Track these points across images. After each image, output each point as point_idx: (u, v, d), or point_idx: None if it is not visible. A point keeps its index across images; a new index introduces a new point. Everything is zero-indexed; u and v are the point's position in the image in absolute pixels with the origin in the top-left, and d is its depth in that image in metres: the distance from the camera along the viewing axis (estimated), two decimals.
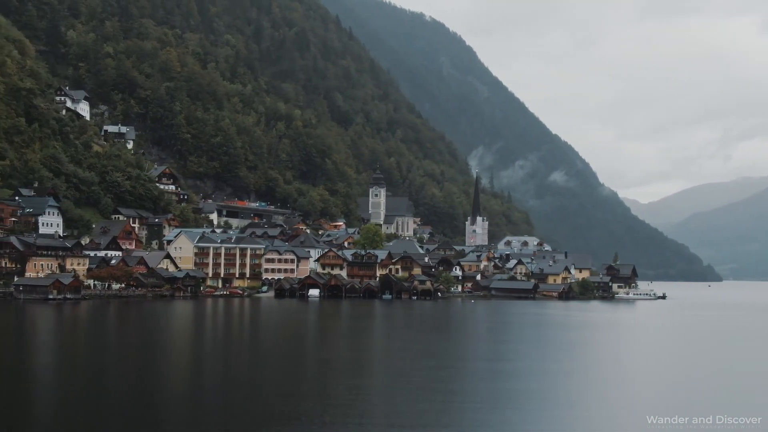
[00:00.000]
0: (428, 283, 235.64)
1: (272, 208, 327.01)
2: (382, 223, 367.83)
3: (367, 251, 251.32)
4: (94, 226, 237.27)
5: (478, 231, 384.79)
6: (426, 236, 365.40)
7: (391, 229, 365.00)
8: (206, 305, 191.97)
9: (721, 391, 75.36)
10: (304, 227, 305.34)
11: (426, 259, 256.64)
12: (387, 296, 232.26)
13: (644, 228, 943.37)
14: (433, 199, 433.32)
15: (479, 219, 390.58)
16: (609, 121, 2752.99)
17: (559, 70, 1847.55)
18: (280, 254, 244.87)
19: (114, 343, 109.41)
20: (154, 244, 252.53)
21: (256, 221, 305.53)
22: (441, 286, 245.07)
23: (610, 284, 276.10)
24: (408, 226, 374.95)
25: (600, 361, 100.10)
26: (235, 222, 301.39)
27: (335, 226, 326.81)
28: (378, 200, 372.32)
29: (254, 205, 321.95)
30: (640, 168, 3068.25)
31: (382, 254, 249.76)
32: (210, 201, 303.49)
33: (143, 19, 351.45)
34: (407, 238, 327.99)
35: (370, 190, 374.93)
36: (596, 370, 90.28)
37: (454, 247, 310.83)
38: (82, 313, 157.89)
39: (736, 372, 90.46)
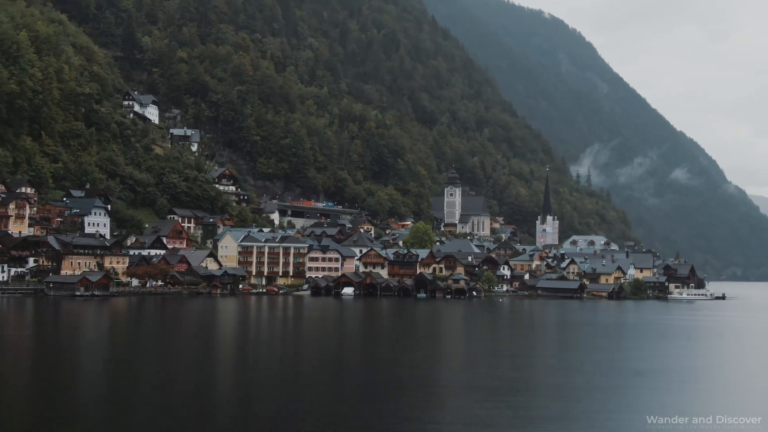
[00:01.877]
0: (462, 282, 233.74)
1: (339, 208, 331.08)
2: (457, 222, 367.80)
3: (408, 250, 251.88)
4: (146, 225, 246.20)
5: (548, 230, 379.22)
6: (505, 235, 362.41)
7: (466, 229, 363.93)
8: (232, 302, 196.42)
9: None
10: (369, 227, 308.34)
11: (469, 258, 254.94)
12: (421, 295, 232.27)
13: None
14: (518, 198, 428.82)
15: (549, 218, 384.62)
16: (746, 117, 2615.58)
17: (690, 65, 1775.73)
18: (324, 253, 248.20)
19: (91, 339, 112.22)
20: (209, 243, 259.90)
21: (322, 221, 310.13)
22: (477, 285, 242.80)
23: (666, 284, 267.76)
24: (484, 225, 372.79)
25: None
26: (300, 222, 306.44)
27: (403, 226, 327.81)
28: (453, 200, 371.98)
29: (320, 205, 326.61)
30: None
31: (423, 253, 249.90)
32: (273, 201, 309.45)
33: (222, 24, 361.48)
34: (469, 238, 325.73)
35: (445, 190, 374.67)
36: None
37: (516, 246, 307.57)
38: (93, 309, 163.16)
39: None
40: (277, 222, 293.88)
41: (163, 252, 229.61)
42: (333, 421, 56.19)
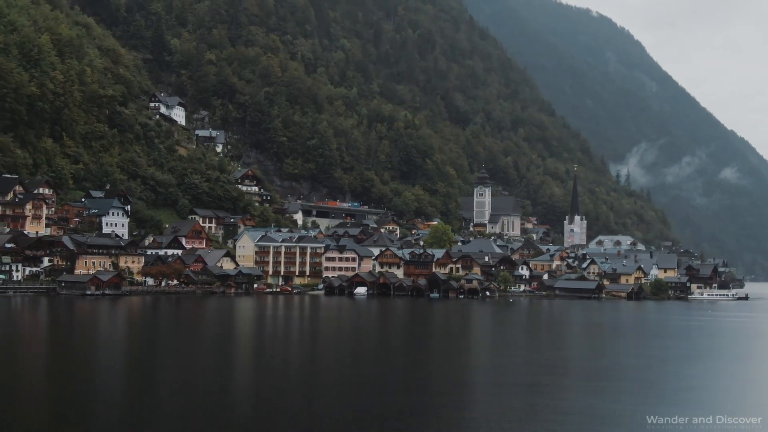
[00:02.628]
0: (475, 282, 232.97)
1: (365, 208, 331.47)
2: (486, 222, 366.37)
3: (425, 250, 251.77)
4: (167, 226, 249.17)
5: (575, 230, 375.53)
6: (537, 236, 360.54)
7: (496, 229, 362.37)
8: (242, 301, 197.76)
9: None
10: (395, 227, 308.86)
11: (486, 258, 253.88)
12: (434, 294, 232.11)
13: None
14: (552, 198, 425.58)
15: (577, 218, 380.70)
16: None
17: (744, 65, 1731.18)
18: (340, 253, 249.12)
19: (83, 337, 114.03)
20: (230, 243, 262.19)
21: (347, 221, 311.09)
22: (491, 285, 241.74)
23: (688, 284, 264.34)
24: (514, 225, 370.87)
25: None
26: (325, 222, 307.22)
27: (429, 226, 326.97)
28: (483, 200, 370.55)
29: (346, 205, 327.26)
30: None
31: (439, 253, 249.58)
32: (297, 201, 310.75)
33: (252, 26, 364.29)
34: (493, 238, 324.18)
35: (475, 190, 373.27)
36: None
37: (539, 246, 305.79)
38: (96, 308, 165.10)
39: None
40: (300, 222, 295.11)
41: (180, 252, 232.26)
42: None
